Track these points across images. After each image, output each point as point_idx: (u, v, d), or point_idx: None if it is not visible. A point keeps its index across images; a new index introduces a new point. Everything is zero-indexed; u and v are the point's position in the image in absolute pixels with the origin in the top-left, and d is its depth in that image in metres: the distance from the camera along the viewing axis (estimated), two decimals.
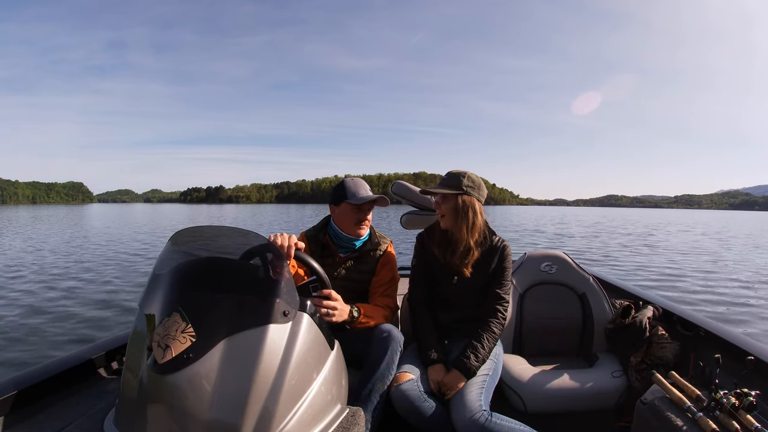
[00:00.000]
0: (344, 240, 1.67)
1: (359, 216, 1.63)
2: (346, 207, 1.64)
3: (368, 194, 1.64)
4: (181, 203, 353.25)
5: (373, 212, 1.72)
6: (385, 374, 1.38)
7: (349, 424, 1.03)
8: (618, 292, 2.26)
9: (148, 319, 0.95)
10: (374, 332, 1.47)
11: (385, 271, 1.70)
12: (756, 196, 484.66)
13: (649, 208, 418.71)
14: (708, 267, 10.31)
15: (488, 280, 1.60)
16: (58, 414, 1.12)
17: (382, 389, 1.37)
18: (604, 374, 1.68)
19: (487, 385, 1.42)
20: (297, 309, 0.98)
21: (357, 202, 1.60)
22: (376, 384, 1.36)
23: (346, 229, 1.66)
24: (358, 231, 1.65)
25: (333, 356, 1.07)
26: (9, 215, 44.58)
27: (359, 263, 1.69)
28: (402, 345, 1.47)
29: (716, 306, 6.24)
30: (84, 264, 9.56)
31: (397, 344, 1.43)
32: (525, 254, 2.11)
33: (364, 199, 1.60)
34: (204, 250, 1.12)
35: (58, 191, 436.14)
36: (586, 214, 71.07)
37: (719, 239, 19.65)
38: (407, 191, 2.23)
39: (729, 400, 1.11)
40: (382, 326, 1.49)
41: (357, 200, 1.60)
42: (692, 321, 1.75)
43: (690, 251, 13.48)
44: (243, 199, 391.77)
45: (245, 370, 0.86)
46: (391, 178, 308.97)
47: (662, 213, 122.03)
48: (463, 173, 1.58)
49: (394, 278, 1.72)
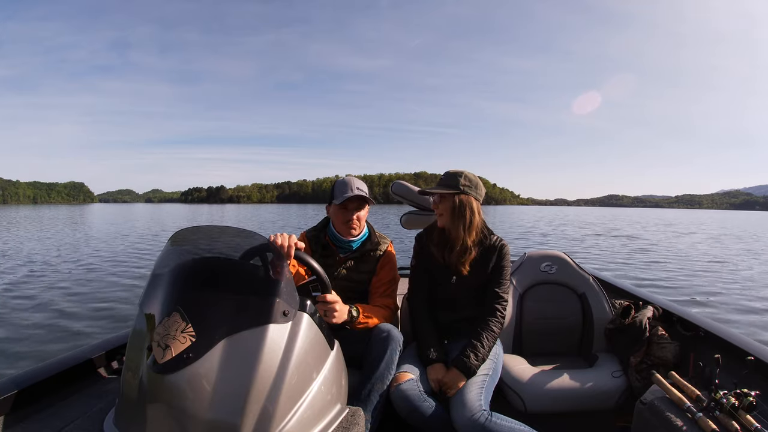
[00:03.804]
0: (341, 240, 1.67)
1: (346, 216, 1.61)
2: (334, 208, 1.64)
3: (349, 194, 1.59)
4: (182, 203, 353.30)
5: (367, 211, 1.69)
6: (385, 374, 1.38)
7: (349, 424, 1.03)
8: (618, 292, 2.26)
9: (148, 319, 0.95)
10: (373, 332, 1.47)
11: (384, 272, 1.70)
12: (757, 196, 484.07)
13: (650, 207, 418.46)
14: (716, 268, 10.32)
15: (487, 279, 1.61)
16: (58, 414, 1.12)
17: (382, 389, 1.37)
18: (604, 374, 1.67)
19: (486, 385, 1.42)
20: (297, 309, 0.98)
21: (338, 202, 1.60)
22: (376, 384, 1.36)
23: (338, 229, 1.67)
24: (347, 231, 1.64)
25: (333, 356, 1.07)
26: (9, 215, 44.56)
27: (359, 263, 1.69)
28: (401, 345, 1.47)
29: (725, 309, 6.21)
30: (84, 264, 9.57)
31: (397, 344, 1.43)
32: (525, 254, 2.11)
33: (342, 199, 1.58)
34: (204, 249, 1.12)
35: (59, 191, 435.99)
36: (587, 214, 71.15)
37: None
38: (407, 191, 2.23)
39: (729, 400, 1.11)
40: (381, 326, 1.49)
41: (338, 200, 1.60)
42: (692, 321, 1.75)
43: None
44: (244, 199, 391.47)
45: (245, 370, 0.86)
46: (391, 178, 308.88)
47: (662, 213, 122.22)
48: (461, 173, 1.58)
49: (394, 278, 1.71)
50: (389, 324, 1.53)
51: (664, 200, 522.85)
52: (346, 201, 1.59)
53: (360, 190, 1.61)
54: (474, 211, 1.56)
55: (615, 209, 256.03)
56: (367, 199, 1.63)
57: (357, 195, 1.59)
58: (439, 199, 1.58)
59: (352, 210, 1.62)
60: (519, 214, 59.34)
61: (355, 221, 1.62)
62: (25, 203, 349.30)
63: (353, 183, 1.63)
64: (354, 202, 1.61)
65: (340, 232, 1.66)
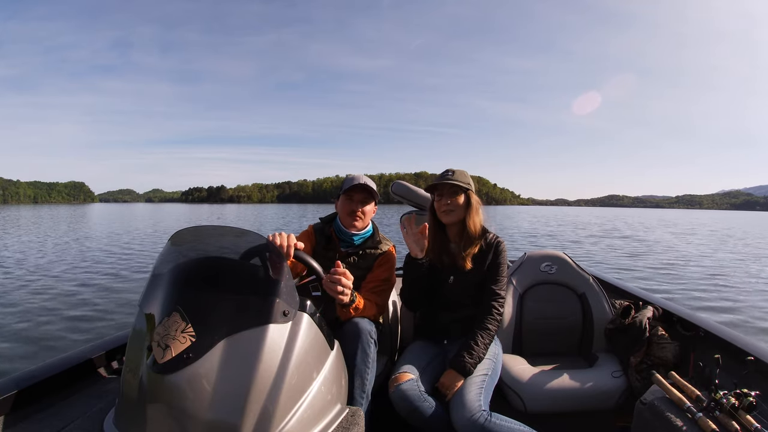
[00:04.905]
0: (345, 233, 1.69)
1: (351, 206, 1.65)
2: (341, 198, 1.69)
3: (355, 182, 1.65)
4: (182, 203, 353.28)
5: (374, 209, 1.73)
6: (362, 369, 1.34)
7: (348, 424, 1.03)
8: (618, 292, 2.26)
9: (148, 319, 0.95)
10: (343, 328, 1.42)
11: (381, 270, 1.69)
12: (757, 197, 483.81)
13: (650, 208, 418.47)
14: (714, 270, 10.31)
15: (484, 276, 1.61)
16: (58, 414, 1.12)
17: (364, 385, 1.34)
18: (604, 374, 1.67)
19: (486, 385, 1.42)
20: (297, 309, 0.98)
21: (343, 190, 1.66)
22: (355, 381, 1.33)
23: (343, 221, 1.70)
24: (351, 222, 1.66)
25: (333, 356, 1.07)
26: (9, 215, 44.59)
27: (359, 260, 1.69)
28: (374, 335, 1.42)
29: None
30: (83, 263, 9.57)
31: (367, 335, 1.38)
32: (525, 254, 2.11)
33: (348, 185, 1.65)
34: (204, 249, 1.12)
35: (60, 191, 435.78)
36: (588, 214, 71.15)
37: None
38: (407, 191, 2.23)
39: (729, 400, 1.11)
40: (351, 321, 1.43)
41: (344, 188, 1.66)
42: (692, 321, 1.74)
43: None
44: (244, 198, 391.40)
45: (245, 370, 0.86)
46: (392, 178, 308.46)
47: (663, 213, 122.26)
48: (464, 172, 1.64)
49: (388, 279, 1.69)
50: (359, 318, 1.46)
51: (664, 200, 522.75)
52: (351, 191, 1.64)
53: (367, 183, 1.66)
54: (479, 209, 1.63)
55: (615, 209, 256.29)
56: (374, 193, 1.68)
57: (362, 185, 1.64)
58: (453, 194, 1.59)
59: (357, 202, 1.66)
60: (519, 214, 59.29)
61: (359, 213, 1.66)
62: (25, 203, 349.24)
63: (361, 177, 1.69)
64: (359, 194, 1.66)
65: (344, 223, 1.69)
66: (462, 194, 1.60)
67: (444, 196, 1.60)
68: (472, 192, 1.61)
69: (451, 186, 1.58)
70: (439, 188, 1.61)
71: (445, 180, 1.58)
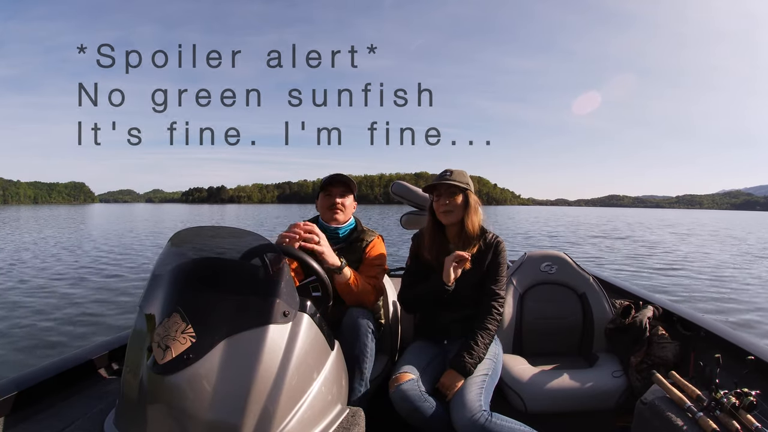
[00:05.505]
0: (328, 229, 1.70)
1: (329, 201, 1.69)
2: (320, 196, 1.74)
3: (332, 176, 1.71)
4: (182, 203, 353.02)
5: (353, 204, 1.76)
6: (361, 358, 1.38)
7: (349, 425, 1.03)
8: (618, 292, 2.26)
9: (148, 320, 0.95)
10: (344, 319, 1.47)
11: (372, 257, 1.70)
12: (757, 197, 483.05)
13: (650, 208, 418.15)
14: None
15: (483, 276, 1.61)
16: (58, 414, 1.12)
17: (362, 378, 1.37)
18: (604, 374, 1.67)
19: (486, 385, 1.42)
20: (297, 309, 0.98)
21: (321, 186, 1.72)
22: (355, 373, 1.35)
23: (323, 217, 1.73)
24: (332, 215, 1.69)
25: (333, 356, 1.07)
26: (9, 215, 44.60)
27: (347, 253, 1.69)
28: (373, 327, 1.46)
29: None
30: (83, 263, 9.57)
31: (366, 328, 1.43)
32: (525, 254, 2.11)
33: (325, 181, 1.70)
34: (204, 250, 1.12)
35: (60, 191, 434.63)
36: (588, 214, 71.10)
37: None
38: (407, 191, 2.23)
39: (729, 399, 1.11)
40: (351, 312, 1.48)
41: (322, 185, 1.72)
42: (692, 321, 1.74)
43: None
44: (245, 199, 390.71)
45: (245, 371, 0.86)
46: (392, 178, 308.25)
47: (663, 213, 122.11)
48: (463, 172, 1.63)
49: (381, 264, 1.71)
50: (360, 309, 1.52)
51: (664, 200, 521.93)
52: (328, 185, 1.69)
53: (342, 174, 1.70)
54: (478, 209, 1.63)
55: (616, 209, 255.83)
56: (351, 185, 1.71)
57: (338, 175, 1.69)
58: (452, 194, 1.59)
59: (335, 195, 1.69)
60: (519, 214, 59.20)
61: (339, 206, 1.68)
62: (25, 203, 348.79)
63: (338, 174, 1.73)
64: (337, 188, 1.69)
65: (324, 219, 1.72)
66: (460, 194, 1.59)
67: (442, 196, 1.59)
68: (470, 192, 1.60)
69: (449, 186, 1.58)
70: (437, 188, 1.61)
71: (444, 180, 1.57)
